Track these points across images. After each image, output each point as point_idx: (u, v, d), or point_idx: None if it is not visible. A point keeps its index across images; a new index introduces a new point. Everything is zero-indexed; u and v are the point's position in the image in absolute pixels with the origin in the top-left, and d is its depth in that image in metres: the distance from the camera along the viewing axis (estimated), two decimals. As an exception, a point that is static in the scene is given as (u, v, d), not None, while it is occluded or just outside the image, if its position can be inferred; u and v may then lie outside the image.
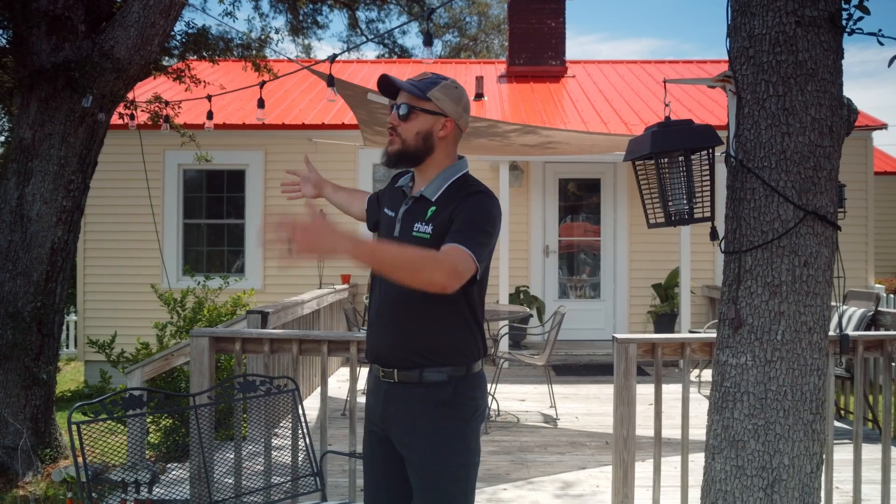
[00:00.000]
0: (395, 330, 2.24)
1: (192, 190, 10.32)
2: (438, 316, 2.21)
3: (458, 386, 2.22)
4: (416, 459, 2.21)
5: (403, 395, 2.23)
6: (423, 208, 2.26)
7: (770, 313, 2.48)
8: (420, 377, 2.21)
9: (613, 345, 3.96)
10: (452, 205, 2.20)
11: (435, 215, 2.22)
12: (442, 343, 2.22)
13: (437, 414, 2.21)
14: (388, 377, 2.25)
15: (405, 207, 2.31)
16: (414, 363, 2.21)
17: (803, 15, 2.45)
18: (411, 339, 2.21)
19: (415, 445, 2.21)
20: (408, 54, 25.75)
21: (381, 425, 2.29)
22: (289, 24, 22.36)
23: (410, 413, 2.22)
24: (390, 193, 2.45)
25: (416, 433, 2.21)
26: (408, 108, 2.24)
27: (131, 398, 2.88)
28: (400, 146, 2.26)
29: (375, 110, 5.76)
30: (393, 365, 2.23)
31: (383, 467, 2.31)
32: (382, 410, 2.27)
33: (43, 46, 5.95)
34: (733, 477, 2.52)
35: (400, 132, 2.26)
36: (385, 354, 2.26)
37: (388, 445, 2.29)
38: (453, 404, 2.22)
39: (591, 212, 10.18)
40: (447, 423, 2.21)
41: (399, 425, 2.24)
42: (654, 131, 2.63)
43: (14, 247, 5.98)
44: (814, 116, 2.47)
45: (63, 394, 9.45)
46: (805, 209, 2.45)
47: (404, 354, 2.22)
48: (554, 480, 4.69)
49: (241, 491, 3.88)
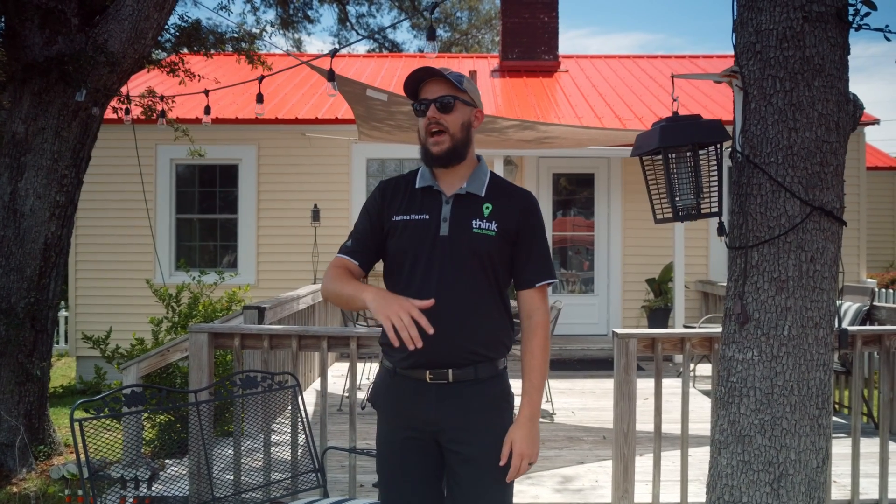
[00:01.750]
0: (454, 332, 2.18)
1: (184, 185, 10.27)
2: (488, 313, 2.25)
3: (503, 377, 2.31)
4: (474, 453, 2.21)
5: (459, 393, 2.22)
6: (476, 205, 2.26)
7: (777, 309, 2.48)
8: (475, 374, 2.23)
9: (613, 340, 3.96)
10: (511, 206, 2.27)
11: (494, 214, 2.25)
12: (492, 338, 2.26)
13: (494, 407, 2.25)
14: (439, 378, 2.21)
15: (449, 206, 2.25)
16: (469, 361, 2.22)
17: (811, 10, 2.45)
18: (467, 338, 2.21)
19: (473, 441, 2.21)
20: (398, 49, 25.69)
21: (429, 429, 2.23)
22: (279, 19, 22.26)
23: (467, 410, 2.21)
24: (405, 197, 2.31)
25: (474, 429, 2.22)
26: (453, 99, 2.23)
27: (133, 395, 2.86)
28: (450, 141, 2.23)
29: (374, 106, 5.74)
30: (447, 366, 2.21)
31: (418, 474, 2.26)
32: (434, 413, 2.22)
33: (36, 40, 5.89)
34: (740, 472, 2.52)
35: (447, 125, 2.22)
36: (439, 356, 2.20)
37: (429, 449, 2.25)
38: (505, 395, 2.30)
39: (584, 206, 10.19)
40: (504, 415, 2.28)
41: (454, 424, 2.21)
42: (663, 126, 2.62)
43: (7, 242, 5.93)
44: (820, 112, 2.47)
45: (55, 389, 9.38)
46: (812, 205, 2.46)
47: (461, 354, 2.21)
48: (553, 475, 4.69)
49: (240, 487, 3.87)
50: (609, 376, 7.93)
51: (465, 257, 2.22)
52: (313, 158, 10.02)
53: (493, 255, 2.24)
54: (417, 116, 2.28)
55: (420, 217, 2.26)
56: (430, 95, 2.24)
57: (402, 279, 2.25)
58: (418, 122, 2.30)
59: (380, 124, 6.53)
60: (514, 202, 2.29)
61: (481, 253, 2.22)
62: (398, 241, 2.27)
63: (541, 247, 2.31)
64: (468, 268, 2.22)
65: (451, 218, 2.24)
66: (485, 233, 2.23)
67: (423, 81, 2.27)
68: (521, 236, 2.28)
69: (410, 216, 2.27)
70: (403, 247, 2.25)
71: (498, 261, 2.25)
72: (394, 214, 2.29)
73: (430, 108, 2.23)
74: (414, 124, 6.76)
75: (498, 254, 2.25)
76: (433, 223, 2.24)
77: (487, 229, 2.23)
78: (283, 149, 10.01)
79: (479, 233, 2.22)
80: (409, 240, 2.25)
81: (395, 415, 2.30)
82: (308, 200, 9.82)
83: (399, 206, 2.30)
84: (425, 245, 2.23)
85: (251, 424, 5.08)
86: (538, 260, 2.30)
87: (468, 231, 2.23)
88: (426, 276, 2.21)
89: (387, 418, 2.33)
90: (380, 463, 2.35)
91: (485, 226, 2.23)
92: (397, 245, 2.27)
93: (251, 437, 4.87)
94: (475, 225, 2.23)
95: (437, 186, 2.29)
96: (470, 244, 2.22)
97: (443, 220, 2.24)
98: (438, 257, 2.21)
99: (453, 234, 2.23)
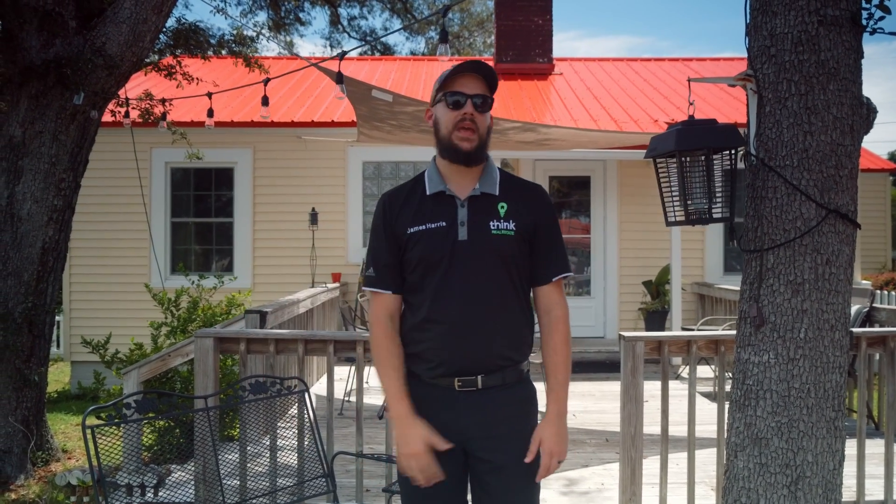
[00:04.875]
0: (481, 338, 2.17)
1: (179, 188, 10.22)
2: (516, 317, 2.23)
3: (528, 380, 2.31)
4: (503, 461, 2.17)
5: (487, 400, 2.19)
6: (491, 205, 2.22)
7: (793, 311, 2.49)
8: (503, 379, 2.21)
9: (620, 343, 3.97)
10: (525, 202, 2.25)
11: (510, 212, 2.22)
12: (519, 340, 2.25)
13: (522, 412, 2.26)
14: (468, 385, 2.18)
15: (465, 209, 2.20)
16: (498, 366, 2.20)
17: (825, 14, 2.46)
18: (497, 343, 2.19)
19: (502, 448, 2.18)
20: (390, 51, 25.67)
21: (459, 437, 2.18)
22: (270, 21, 22.19)
23: (495, 417, 2.19)
24: (415, 206, 2.25)
25: (503, 437, 2.18)
26: (491, 101, 2.23)
27: (145, 401, 2.84)
28: (478, 140, 2.20)
29: (377, 106, 5.73)
30: (476, 372, 2.18)
31: (449, 481, 2.19)
32: (464, 421, 2.18)
33: (33, 43, 5.84)
34: (757, 474, 2.52)
35: (478, 124, 2.19)
36: (468, 363, 2.17)
37: (457, 458, 2.20)
38: (531, 399, 2.30)
39: (580, 209, 10.20)
40: (531, 419, 2.26)
41: (484, 432, 2.18)
42: (679, 129, 2.62)
43: (4, 246, 5.88)
44: (835, 115, 2.48)
45: (49, 395, 9.31)
46: (827, 208, 2.47)
47: (491, 359, 2.19)
48: (558, 478, 4.69)
49: (247, 493, 3.84)
50: (608, 379, 7.99)
51: (486, 260, 2.18)
52: (309, 161, 10.00)
53: (514, 255, 2.21)
54: (450, 108, 2.19)
55: (437, 225, 2.20)
56: (469, 91, 2.19)
57: (424, 289, 2.20)
58: (441, 113, 2.22)
59: (381, 124, 6.53)
60: (527, 198, 2.28)
61: (503, 254, 2.19)
62: (416, 252, 2.20)
63: (557, 241, 2.30)
64: (491, 270, 2.18)
65: (469, 221, 2.20)
66: (504, 233, 2.19)
67: (460, 73, 2.21)
68: (538, 232, 2.25)
69: (426, 225, 2.20)
70: (423, 257, 2.19)
71: (518, 259, 2.22)
72: (408, 227, 2.22)
73: (468, 103, 2.18)
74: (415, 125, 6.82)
75: (518, 253, 2.22)
76: (451, 229, 2.19)
77: (506, 229, 2.20)
78: (278, 152, 9.99)
79: (498, 234, 2.19)
80: (429, 249, 2.19)
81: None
82: (304, 203, 9.79)
83: (411, 218, 2.23)
84: (445, 252, 2.17)
85: (253, 429, 5.06)
86: (555, 254, 2.28)
87: (487, 233, 2.19)
88: (450, 284, 2.17)
89: None
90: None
91: (503, 226, 2.20)
92: (416, 256, 2.20)
93: (253, 441, 4.85)
94: (493, 226, 2.19)
95: (449, 191, 2.23)
96: (490, 246, 2.18)
97: (460, 225, 2.19)
98: (460, 263, 2.17)
99: (472, 237, 2.18)
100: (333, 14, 24.64)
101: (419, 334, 2.22)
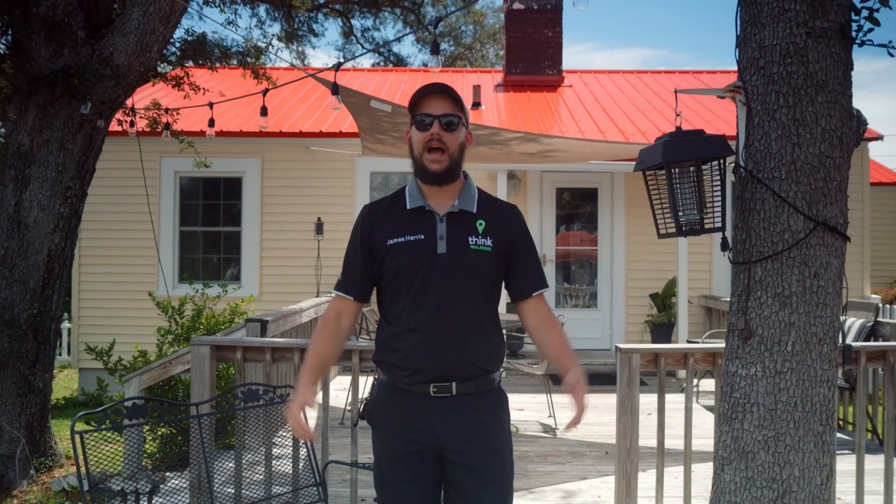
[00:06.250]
0: (457, 347, 2.24)
1: (188, 197, 10.29)
2: (488, 328, 2.31)
3: (501, 390, 2.38)
4: (478, 465, 2.25)
5: (462, 406, 2.26)
6: (469, 222, 2.30)
7: (780, 324, 2.48)
8: (476, 387, 2.28)
9: (616, 355, 3.95)
10: (502, 221, 2.34)
11: (488, 230, 2.31)
12: (491, 352, 2.34)
13: (495, 418, 2.32)
14: (443, 391, 2.25)
15: (444, 224, 2.27)
16: (472, 374, 2.27)
17: (814, 26, 2.46)
18: (471, 352, 2.27)
19: (477, 452, 2.26)
20: (403, 63, 25.79)
21: (434, 441, 2.26)
22: (283, 32, 22.37)
23: (470, 422, 2.27)
24: (395, 219, 2.31)
25: (478, 441, 2.27)
26: (458, 119, 2.27)
27: (135, 407, 2.85)
28: (449, 161, 2.26)
29: (378, 118, 5.74)
30: (451, 379, 2.25)
31: (422, 486, 2.28)
32: (440, 425, 2.25)
33: (42, 52, 5.93)
34: (743, 488, 2.50)
35: (448, 144, 2.25)
36: (443, 370, 2.24)
37: (432, 462, 2.28)
38: (504, 407, 2.37)
39: (588, 221, 10.18)
40: (503, 426, 2.35)
41: (458, 436, 2.25)
42: (666, 141, 2.62)
43: (10, 253, 5.94)
44: (824, 127, 2.47)
45: (57, 401, 9.37)
46: (815, 220, 2.45)
47: (464, 368, 2.26)
48: (555, 490, 4.66)
49: (241, 501, 3.85)
50: (613, 391, 7.90)
51: (464, 274, 2.26)
52: (317, 172, 10.04)
53: (490, 270, 2.30)
54: (418, 130, 2.28)
55: (415, 238, 2.27)
56: (435, 111, 2.25)
57: (401, 300, 2.28)
58: (413, 135, 2.31)
59: (384, 136, 6.54)
60: (504, 218, 2.37)
61: (480, 268, 2.28)
62: (394, 263, 2.27)
63: (535, 257, 2.41)
64: (468, 284, 2.27)
65: (448, 236, 2.27)
66: (482, 249, 2.28)
67: (426, 96, 2.28)
68: (515, 250, 2.35)
69: (405, 237, 2.27)
70: (400, 268, 2.26)
71: (494, 275, 2.33)
72: (387, 238, 2.29)
73: (435, 124, 2.24)
74: (419, 138, 6.78)
75: (494, 268, 2.32)
76: (430, 242, 2.27)
77: (484, 245, 2.29)
78: (286, 162, 10.04)
79: (476, 249, 2.28)
80: (406, 260, 2.26)
81: (398, 429, 2.31)
82: (312, 213, 9.83)
83: (391, 229, 2.29)
84: (423, 264, 2.25)
85: (253, 438, 5.07)
86: (534, 270, 2.39)
87: (466, 248, 2.27)
88: (427, 295, 2.24)
89: (387, 433, 2.34)
90: (381, 478, 2.35)
91: (481, 242, 2.29)
92: (394, 266, 2.27)
93: (253, 450, 4.86)
94: (472, 241, 2.28)
95: (428, 206, 2.30)
96: (468, 260, 2.27)
97: (439, 239, 2.27)
98: (437, 275, 2.24)
99: (451, 251, 2.26)
100: (346, 25, 24.81)
101: (397, 342, 2.29)
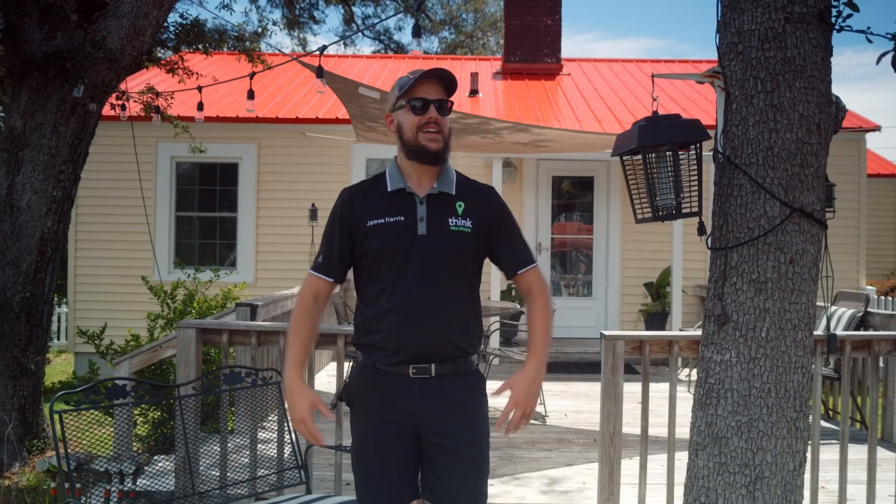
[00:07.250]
0: (436, 327, 2.27)
1: (184, 182, 10.29)
2: (467, 309, 2.34)
3: (479, 372, 2.41)
4: (457, 445, 2.28)
5: (442, 387, 2.29)
6: (449, 204, 2.33)
7: (755, 310, 2.48)
8: (455, 368, 2.31)
9: (601, 341, 3.95)
10: (480, 202, 2.35)
11: (468, 211, 2.33)
12: (469, 334, 2.36)
13: (473, 400, 2.35)
14: (422, 373, 2.27)
15: (424, 206, 2.29)
16: (451, 356, 2.30)
17: (792, 11, 2.45)
18: (451, 333, 2.30)
19: (456, 433, 2.28)
20: (403, 50, 25.70)
21: (413, 422, 2.28)
22: (285, 19, 22.30)
23: (450, 403, 2.29)
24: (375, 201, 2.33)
25: (457, 422, 2.30)
26: (450, 104, 2.32)
27: (115, 388, 2.87)
28: (443, 142, 2.30)
29: (367, 105, 5.73)
30: (431, 360, 2.27)
31: (401, 466, 2.30)
32: (419, 406, 2.27)
33: (34, 35, 5.91)
34: (716, 474, 2.51)
35: (442, 127, 2.29)
36: (423, 351, 2.27)
37: (410, 442, 2.30)
38: (482, 389, 2.40)
39: (584, 210, 10.17)
40: (481, 407, 2.38)
41: (438, 418, 2.28)
42: (642, 125, 2.62)
43: (3, 236, 5.95)
44: (801, 113, 2.47)
45: (53, 385, 9.42)
46: (791, 206, 2.45)
47: (444, 348, 2.29)
48: (540, 476, 4.68)
49: (226, 482, 3.87)
50: (605, 379, 7.95)
51: (444, 254, 2.28)
52: (313, 158, 10.04)
53: (470, 250, 2.32)
54: (412, 113, 2.28)
55: (395, 219, 2.29)
56: (431, 96, 2.28)
57: (381, 281, 2.29)
58: (404, 118, 2.31)
59: (374, 123, 6.53)
60: (482, 198, 2.39)
61: (460, 249, 2.30)
62: (374, 244, 2.29)
63: (518, 235, 2.43)
64: (448, 264, 2.29)
65: (428, 217, 2.29)
66: (462, 229, 2.30)
67: (422, 80, 2.30)
68: (498, 228, 2.38)
69: (385, 219, 2.29)
70: (380, 248, 2.28)
71: (473, 256, 2.35)
72: (367, 220, 2.31)
73: (431, 108, 2.27)
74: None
75: (474, 249, 2.33)
76: (410, 223, 2.29)
77: (463, 226, 2.31)
78: (283, 148, 10.03)
79: (456, 230, 2.30)
80: (387, 241, 2.28)
81: (376, 409, 2.33)
82: (307, 200, 9.82)
83: (371, 211, 2.32)
84: (403, 245, 2.27)
85: (241, 421, 5.09)
86: (522, 245, 2.42)
87: (446, 229, 2.29)
88: (407, 276, 2.26)
89: (366, 413, 2.35)
90: (359, 457, 2.37)
91: (461, 223, 2.31)
92: (374, 247, 2.29)
93: (241, 434, 4.88)
94: (452, 223, 2.30)
95: (408, 188, 2.33)
96: (449, 241, 2.29)
97: (420, 220, 2.29)
98: (417, 256, 2.26)
99: (431, 232, 2.28)
100: (348, 12, 24.71)
101: (376, 324, 2.31)
